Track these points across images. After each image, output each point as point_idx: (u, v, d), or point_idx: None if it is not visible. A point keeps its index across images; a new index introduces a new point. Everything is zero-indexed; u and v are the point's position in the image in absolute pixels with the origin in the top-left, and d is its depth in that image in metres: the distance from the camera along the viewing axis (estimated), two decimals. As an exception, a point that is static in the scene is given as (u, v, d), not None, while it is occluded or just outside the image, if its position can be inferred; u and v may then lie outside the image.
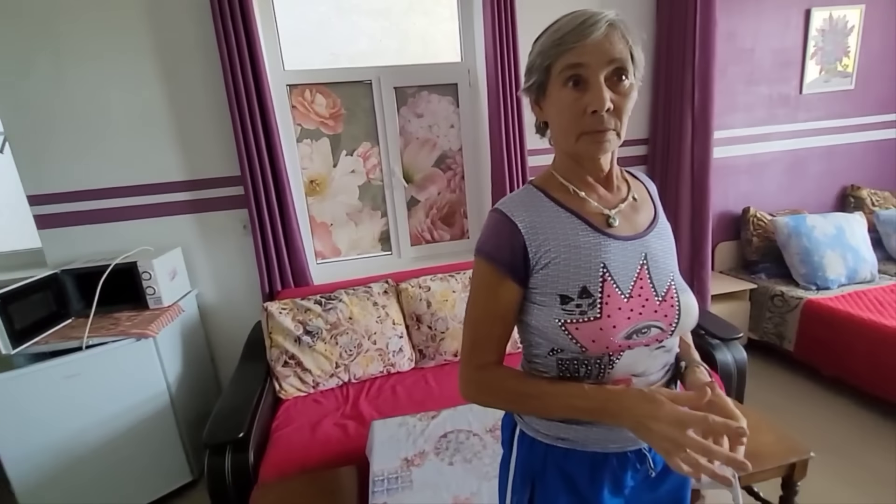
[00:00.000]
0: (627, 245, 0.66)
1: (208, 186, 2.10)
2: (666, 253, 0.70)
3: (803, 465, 1.26)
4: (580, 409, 0.63)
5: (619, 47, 0.59)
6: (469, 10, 2.31)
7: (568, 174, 0.69)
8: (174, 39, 1.93)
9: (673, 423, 0.54)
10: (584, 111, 0.60)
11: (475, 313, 0.70)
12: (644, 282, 0.65)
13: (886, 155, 2.92)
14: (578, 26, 0.59)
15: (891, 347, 1.91)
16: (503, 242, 0.66)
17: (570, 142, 0.64)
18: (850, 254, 2.42)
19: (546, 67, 0.63)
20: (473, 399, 0.71)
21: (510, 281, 0.66)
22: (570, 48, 0.59)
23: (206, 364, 2.16)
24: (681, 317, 0.67)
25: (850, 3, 2.60)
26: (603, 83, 0.59)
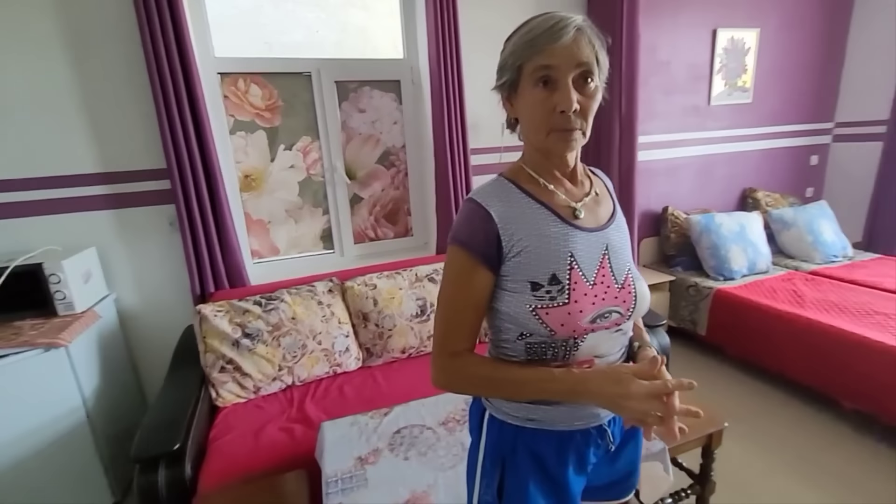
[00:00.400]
0: (591, 236, 0.71)
1: (128, 180, 1.91)
2: (623, 245, 0.76)
3: (719, 434, 1.42)
4: (552, 392, 0.67)
5: (586, 51, 0.63)
6: (412, 8, 2.31)
7: (537, 168, 0.73)
8: (86, 16, 1.73)
9: (643, 398, 0.60)
10: (553, 110, 0.64)
11: (448, 301, 0.72)
12: (605, 270, 0.71)
13: (777, 162, 3.35)
14: (549, 29, 0.62)
15: (783, 328, 2.20)
16: (478, 231, 0.68)
17: (539, 138, 0.68)
18: (750, 248, 2.75)
19: (518, 67, 0.66)
20: (446, 386, 0.73)
21: (484, 268, 0.68)
22: (540, 50, 0.63)
23: (127, 374, 1.97)
24: (637, 302, 0.73)
25: (747, 26, 2.95)
26: (571, 85, 0.63)
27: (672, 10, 2.72)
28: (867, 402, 1.90)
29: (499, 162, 2.48)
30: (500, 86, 0.71)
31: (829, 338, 2.01)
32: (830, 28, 3.23)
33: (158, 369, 2.03)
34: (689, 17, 2.78)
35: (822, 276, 2.64)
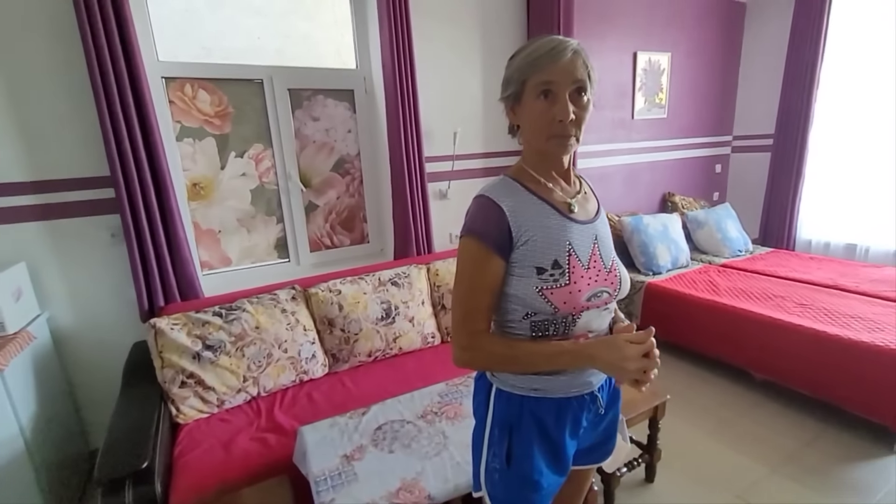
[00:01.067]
0: (584, 227, 0.84)
1: (63, 189, 1.78)
2: (608, 236, 0.89)
3: (663, 405, 1.62)
4: (562, 362, 0.79)
5: (580, 70, 0.76)
6: (363, 19, 2.37)
7: (537, 168, 0.84)
8: (14, 7, 1.60)
9: (636, 357, 0.73)
10: (552, 119, 0.76)
11: (466, 287, 0.80)
12: (596, 257, 0.83)
13: (689, 169, 3.81)
14: (550, 51, 0.74)
15: (703, 313, 2.52)
16: (491, 223, 0.77)
17: (540, 142, 0.79)
18: (672, 245, 3.10)
19: (522, 81, 0.77)
20: (467, 363, 0.81)
21: (497, 256, 0.78)
22: (542, 68, 0.75)
23: (63, 398, 1.80)
24: (621, 284, 0.87)
25: (661, 50, 3.35)
26: (567, 98, 0.75)
27: (599, 34, 3.03)
28: (772, 371, 2.23)
29: (451, 169, 2.60)
30: (506, 97, 0.82)
31: (740, 319, 2.34)
32: (726, 56, 3.75)
33: (98, 392, 1.90)
34: (613, 41, 3.11)
35: (731, 268, 3.04)
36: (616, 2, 3.05)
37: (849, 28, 3.14)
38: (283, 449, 1.43)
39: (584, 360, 0.78)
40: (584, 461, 0.97)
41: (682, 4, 3.37)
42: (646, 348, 0.74)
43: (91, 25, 1.60)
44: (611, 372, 0.77)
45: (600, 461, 1.00)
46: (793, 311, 2.28)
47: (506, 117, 0.86)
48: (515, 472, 0.83)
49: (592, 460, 0.98)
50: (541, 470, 0.83)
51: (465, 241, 0.80)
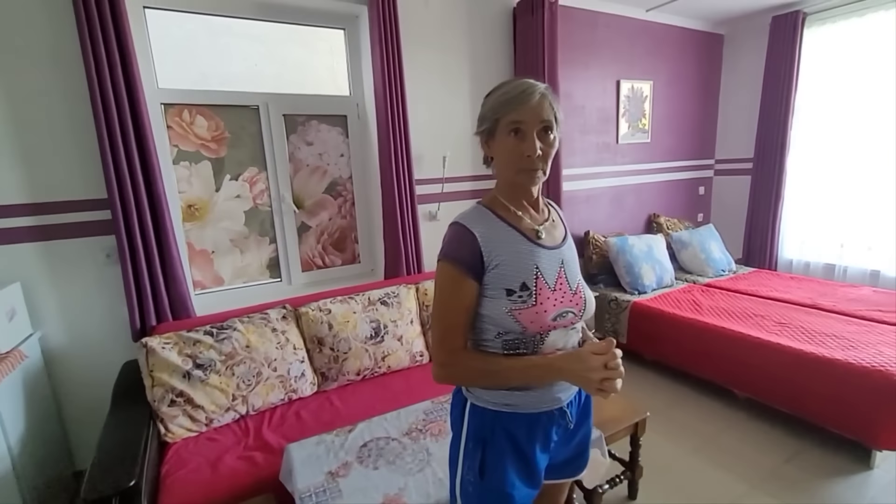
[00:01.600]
0: (551, 253, 0.90)
1: (60, 210, 1.83)
2: (574, 261, 0.96)
3: (643, 422, 1.66)
4: (533, 376, 0.84)
5: (547, 111, 0.84)
6: (356, 48, 2.48)
7: (508, 198, 0.91)
8: (20, 36, 1.68)
9: (599, 368, 0.78)
10: (521, 154, 0.83)
11: (444, 308, 0.86)
12: (563, 280, 0.90)
13: (673, 191, 3.92)
14: (521, 94, 0.82)
15: (686, 332, 2.58)
16: (465, 249, 0.84)
17: (511, 174, 0.87)
18: (657, 265, 3.17)
19: (495, 119, 0.85)
20: (446, 379, 0.87)
21: (471, 279, 0.84)
22: (514, 108, 0.83)
23: (51, 418, 1.81)
24: (586, 305, 0.92)
25: (643, 78, 3.49)
26: (535, 136, 0.83)
27: (584, 63, 3.16)
28: (753, 388, 2.28)
29: (441, 192, 2.68)
30: (481, 132, 0.90)
31: (721, 337, 2.40)
32: (706, 84, 3.91)
33: (87, 412, 1.91)
34: (597, 69, 3.25)
35: (714, 288, 3.11)
36: (599, 32, 3.20)
37: (821, 58, 3.30)
38: (271, 467, 1.45)
39: (554, 373, 0.83)
40: (557, 475, 1.01)
41: (663, 35, 3.54)
42: (607, 359, 0.80)
43: (95, 56, 1.69)
44: (577, 381, 0.82)
45: (574, 475, 1.04)
46: (772, 329, 2.35)
47: (480, 148, 0.94)
48: (488, 484, 0.87)
49: (566, 474, 1.02)
50: (513, 483, 0.87)
51: (442, 265, 0.86)
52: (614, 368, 0.79)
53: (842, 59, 3.20)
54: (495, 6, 2.76)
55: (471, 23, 2.68)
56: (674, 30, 3.59)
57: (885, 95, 3.02)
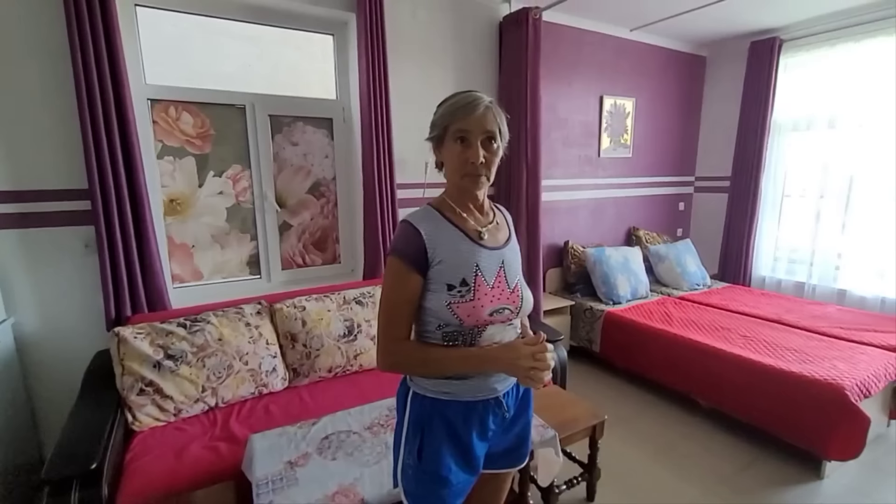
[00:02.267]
0: (492, 253, 0.97)
1: (41, 199, 1.86)
2: (515, 261, 1.02)
3: (601, 425, 1.72)
4: (469, 365, 0.90)
5: (491, 123, 0.91)
6: (345, 54, 2.55)
7: (455, 201, 0.97)
8: (8, 27, 1.73)
9: (528, 357, 0.85)
10: (466, 160, 0.90)
11: (390, 300, 0.92)
12: (501, 278, 0.96)
13: (654, 206, 4.02)
14: (467, 105, 0.90)
15: (655, 342, 2.65)
16: (411, 245, 0.90)
17: (456, 178, 0.94)
18: (632, 277, 3.25)
19: (444, 126, 0.92)
20: (390, 367, 0.92)
21: (415, 273, 0.90)
22: (460, 118, 0.90)
23: (21, 405, 1.82)
24: (523, 303, 0.99)
25: (626, 96, 3.60)
26: (479, 145, 0.90)
27: (567, 78, 3.26)
28: (715, 398, 2.35)
29: (422, 196, 2.74)
30: (431, 138, 0.97)
31: (687, 348, 2.47)
32: (688, 103, 4.03)
33: (56, 400, 1.92)
34: (580, 85, 3.34)
35: (687, 301, 3.19)
36: (584, 49, 3.30)
37: (796, 82, 3.43)
38: (234, 457, 1.48)
39: (488, 362, 0.89)
40: (499, 464, 1.06)
41: (646, 55, 3.65)
42: (536, 350, 0.86)
43: (83, 51, 1.73)
44: (507, 369, 0.88)
45: (514, 466, 1.09)
46: (736, 342, 2.42)
47: (427, 150, 1.00)
48: (425, 467, 0.92)
49: (506, 464, 1.08)
50: (449, 467, 0.92)
51: (390, 260, 0.93)
52: (541, 360, 0.85)
53: (815, 84, 3.33)
54: (483, 20, 2.85)
55: (458, 34, 2.76)
56: (657, 50, 3.71)
57: (856, 120, 3.14)
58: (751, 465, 2.04)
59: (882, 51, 2.97)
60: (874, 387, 1.98)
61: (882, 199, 3.04)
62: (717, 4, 2.86)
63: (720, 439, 2.25)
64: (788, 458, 2.08)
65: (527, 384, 0.86)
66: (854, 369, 2.02)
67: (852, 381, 1.92)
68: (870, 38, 3.01)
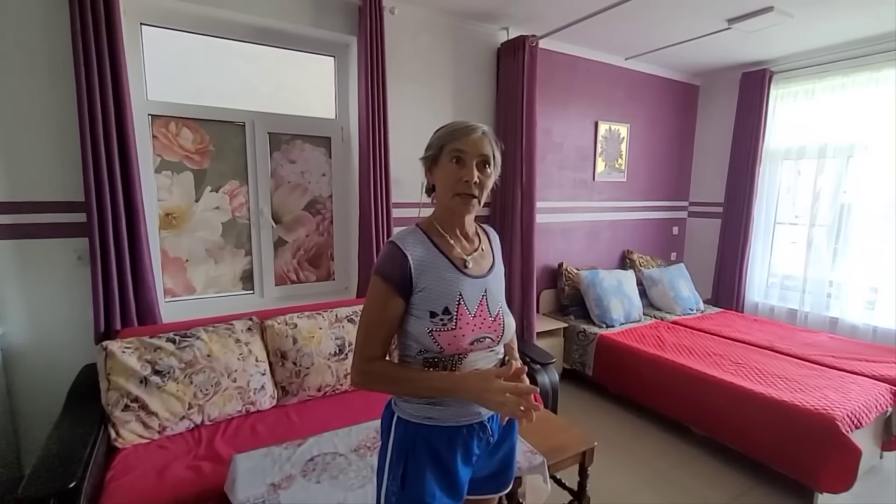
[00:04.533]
0: (476, 282, 0.97)
1: (36, 210, 1.86)
2: (499, 289, 1.03)
3: (591, 451, 1.70)
4: (438, 389, 0.89)
5: (486, 147, 0.94)
6: (345, 75, 2.60)
7: (444, 225, 0.99)
8: (14, 41, 1.76)
9: (499, 391, 0.83)
10: (460, 179, 0.92)
11: (369, 318, 0.92)
12: (483, 307, 0.96)
13: (648, 230, 4.06)
14: (466, 128, 0.93)
15: (648, 367, 2.64)
16: (396, 268, 0.91)
17: (448, 197, 0.94)
18: (626, 300, 3.26)
19: (440, 147, 0.94)
20: (361, 384, 0.92)
21: (398, 296, 0.91)
22: (457, 138, 0.92)
23: (2, 419, 1.79)
24: (504, 332, 0.99)
25: (620, 122, 3.67)
26: (474, 166, 0.92)
27: (563, 103, 3.33)
28: (707, 425, 2.33)
29: (418, 215, 2.76)
30: (426, 158, 0.98)
31: (679, 374, 2.46)
32: (681, 130, 4.11)
33: (41, 414, 1.89)
34: (576, 110, 3.41)
35: (680, 325, 3.20)
36: (579, 76, 3.38)
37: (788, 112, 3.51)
38: (217, 477, 1.45)
39: (459, 388, 0.88)
40: (483, 490, 1.05)
41: (641, 82, 3.74)
42: (508, 387, 0.83)
43: (86, 66, 1.76)
44: (476, 399, 0.86)
45: (498, 491, 1.08)
46: (727, 368, 2.42)
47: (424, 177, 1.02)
48: (409, 494, 0.91)
49: (491, 489, 1.07)
50: (433, 493, 0.91)
51: (374, 280, 0.93)
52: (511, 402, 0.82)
53: (806, 115, 3.40)
54: (481, 45, 2.92)
55: (456, 59, 2.83)
56: (652, 78, 3.80)
57: (845, 150, 3.21)
58: (743, 495, 2.02)
59: (869, 85, 3.05)
60: (865, 417, 1.97)
61: (873, 229, 3.08)
62: (709, 37, 2.95)
63: (713, 468, 2.22)
64: (781, 489, 2.05)
65: (500, 412, 0.85)
66: (845, 399, 2.02)
67: (843, 412, 1.91)
68: (857, 73, 3.10)
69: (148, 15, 2.08)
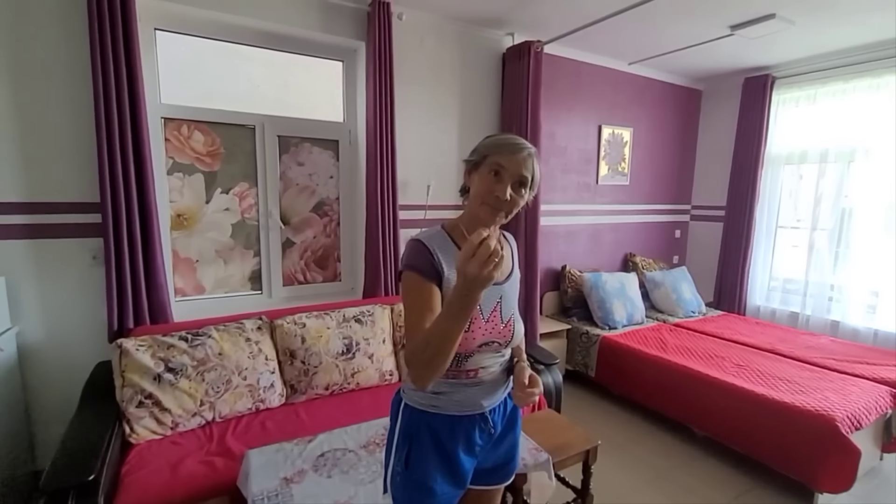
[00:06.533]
0: (493, 288, 0.99)
1: (53, 211, 1.91)
2: (513, 296, 1.06)
3: (594, 450, 1.73)
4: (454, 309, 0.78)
5: (528, 169, 0.94)
6: (353, 79, 2.64)
7: (469, 228, 0.97)
8: (35, 47, 1.81)
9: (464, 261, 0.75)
10: (492, 192, 0.93)
11: (413, 309, 0.90)
12: (497, 313, 1.00)
13: (650, 233, 4.09)
14: (513, 145, 0.94)
15: (650, 368, 2.67)
16: (424, 260, 0.93)
17: (477, 204, 0.96)
18: (628, 303, 3.29)
19: (484, 155, 0.95)
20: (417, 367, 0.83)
21: (432, 284, 0.92)
22: (502, 154, 0.93)
23: (18, 414, 1.83)
24: (513, 337, 1.03)
25: (623, 126, 3.71)
26: (509, 184, 0.93)
27: (567, 107, 3.37)
28: (709, 426, 2.36)
29: (424, 217, 2.80)
30: (468, 161, 1.00)
31: (681, 375, 2.49)
32: (684, 134, 4.15)
33: (56, 410, 1.94)
34: (579, 114, 3.45)
35: (682, 328, 3.22)
36: (583, 80, 3.42)
37: (790, 117, 3.54)
38: (230, 472, 1.49)
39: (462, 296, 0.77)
40: (487, 481, 1.10)
41: (644, 87, 3.78)
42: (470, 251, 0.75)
43: (103, 71, 1.81)
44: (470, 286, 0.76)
45: (501, 483, 1.12)
46: (729, 370, 2.45)
47: (462, 178, 1.04)
48: (412, 475, 0.96)
49: (495, 481, 1.11)
50: (434, 477, 0.96)
51: (406, 275, 0.94)
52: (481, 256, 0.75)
53: (808, 120, 3.44)
54: (487, 51, 2.96)
55: (463, 64, 2.87)
56: (654, 83, 3.83)
57: (847, 155, 3.24)
58: (744, 495, 2.04)
59: (870, 91, 3.08)
60: (865, 419, 2.00)
61: (874, 233, 3.11)
62: (712, 43, 2.98)
63: (714, 468, 2.25)
64: (782, 489, 2.08)
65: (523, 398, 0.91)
66: (846, 401, 2.04)
67: (844, 413, 1.94)
68: (858, 79, 3.14)
69: (162, 20, 2.13)
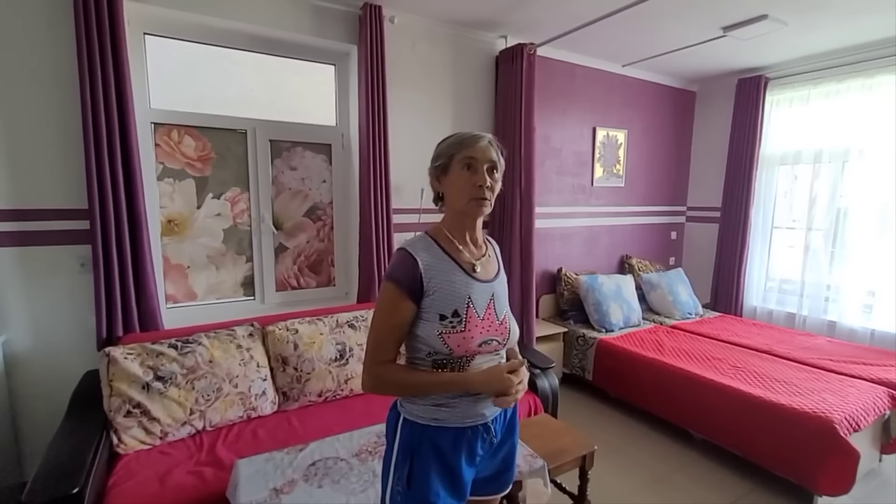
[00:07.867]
0: (484, 286, 1.00)
1: (40, 217, 1.88)
2: (504, 294, 1.06)
3: (591, 455, 1.70)
4: (451, 388, 0.95)
5: (493, 155, 0.98)
6: (345, 83, 2.63)
7: (453, 231, 1.01)
8: (18, 51, 1.79)
9: (503, 378, 0.93)
10: (473, 184, 0.95)
11: (380, 323, 0.95)
12: (491, 311, 0.99)
13: (646, 235, 4.08)
14: (473, 137, 0.98)
15: (648, 371, 2.65)
16: (407, 273, 0.93)
17: (462, 203, 0.97)
18: (625, 305, 3.27)
19: (450, 156, 0.97)
20: (372, 389, 0.94)
21: (409, 301, 0.93)
22: (467, 146, 0.96)
23: (4, 425, 1.80)
24: (510, 335, 1.03)
25: (618, 128, 3.71)
26: (484, 171, 0.96)
27: (561, 110, 3.36)
28: (707, 429, 2.34)
29: (418, 221, 2.78)
30: (435, 167, 1.01)
31: (678, 378, 2.47)
32: (678, 136, 4.15)
33: (43, 420, 1.90)
34: (574, 116, 3.45)
35: (679, 330, 3.21)
36: (577, 82, 3.42)
37: (783, 118, 3.55)
38: (219, 483, 1.46)
39: (468, 383, 0.94)
40: (485, 490, 1.07)
41: (638, 89, 3.78)
42: (508, 366, 0.94)
43: (91, 76, 1.79)
44: (484, 391, 0.94)
45: (499, 491, 1.10)
46: (726, 372, 2.43)
47: (430, 187, 1.04)
48: (415, 493, 0.93)
49: (492, 490, 1.09)
50: (437, 493, 0.93)
51: (385, 285, 0.96)
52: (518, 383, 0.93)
53: (801, 120, 3.44)
54: (480, 53, 2.95)
55: (455, 67, 2.86)
56: (648, 85, 3.84)
57: (841, 155, 3.24)
58: (742, 498, 2.02)
59: (863, 91, 3.09)
60: (863, 420, 1.98)
61: (870, 233, 3.11)
62: (705, 44, 2.99)
63: (713, 471, 2.23)
64: (781, 492, 2.06)
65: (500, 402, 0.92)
66: (843, 402, 2.03)
67: (841, 415, 1.92)
68: (851, 79, 3.14)
69: (152, 25, 2.11)
